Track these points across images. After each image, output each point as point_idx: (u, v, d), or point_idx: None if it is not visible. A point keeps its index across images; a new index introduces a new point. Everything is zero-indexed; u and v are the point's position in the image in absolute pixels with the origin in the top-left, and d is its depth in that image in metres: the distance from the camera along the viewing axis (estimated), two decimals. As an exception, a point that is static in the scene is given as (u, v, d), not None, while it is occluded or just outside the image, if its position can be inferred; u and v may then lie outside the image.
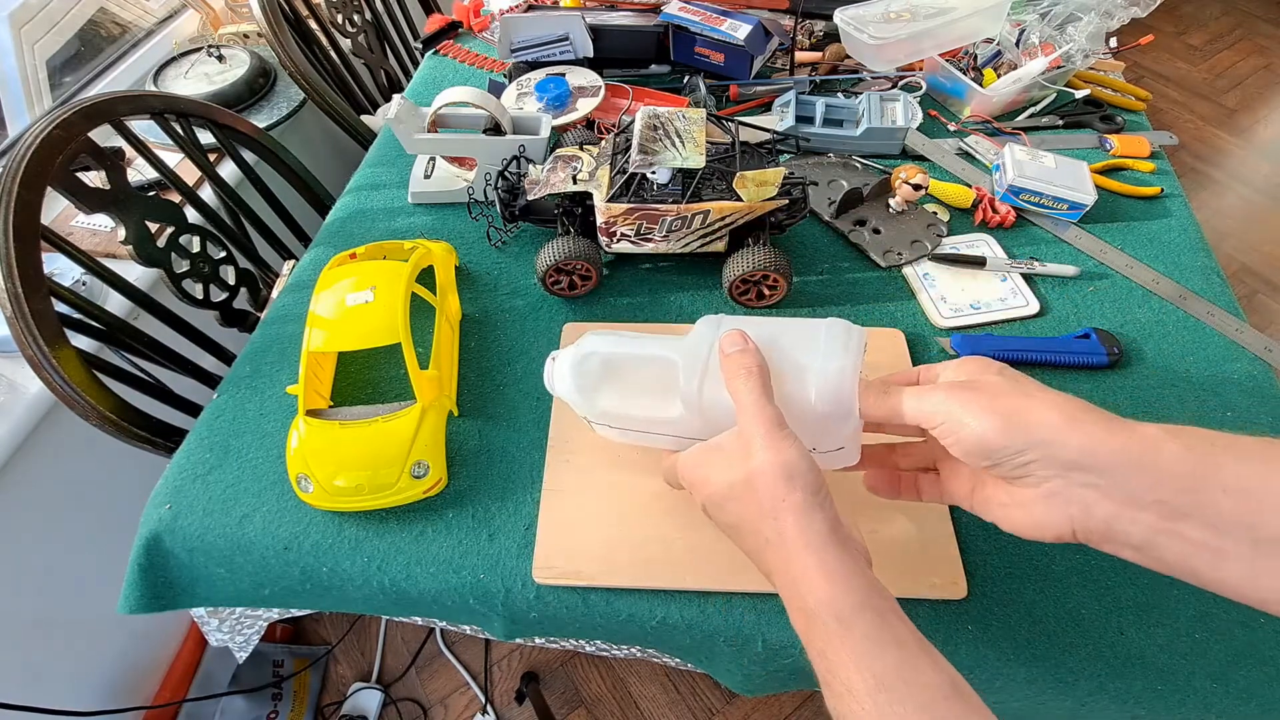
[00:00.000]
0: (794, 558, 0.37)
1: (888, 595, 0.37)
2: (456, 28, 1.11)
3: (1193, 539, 0.33)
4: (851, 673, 0.34)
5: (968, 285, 0.72)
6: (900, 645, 0.35)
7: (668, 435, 0.52)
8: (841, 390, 0.43)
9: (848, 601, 0.35)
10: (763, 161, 0.69)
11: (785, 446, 0.39)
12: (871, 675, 0.33)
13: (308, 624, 1.36)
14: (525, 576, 0.54)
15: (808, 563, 0.37)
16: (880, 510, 0.56)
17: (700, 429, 0.49)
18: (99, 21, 1.25)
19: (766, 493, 0.39)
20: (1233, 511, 0.32)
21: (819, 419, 0.44)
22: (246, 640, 0.74)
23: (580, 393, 0.52)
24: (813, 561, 0.37)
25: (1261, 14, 2.72)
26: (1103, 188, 0.80)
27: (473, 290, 0.74)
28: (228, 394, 0.66)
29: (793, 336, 0.47)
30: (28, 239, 0.68)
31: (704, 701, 1.24)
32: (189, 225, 0.88)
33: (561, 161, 0.70)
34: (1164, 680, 0.49)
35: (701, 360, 0.47)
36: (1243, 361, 0.66)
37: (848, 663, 0.34)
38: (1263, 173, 2.16)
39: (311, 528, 0.58)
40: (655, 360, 0.50)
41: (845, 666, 0.34)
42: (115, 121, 0.79)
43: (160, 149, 0.85)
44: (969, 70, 0.90)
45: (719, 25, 0.89)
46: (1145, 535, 0.34)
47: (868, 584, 0.37)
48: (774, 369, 0.45)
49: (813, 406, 0.44)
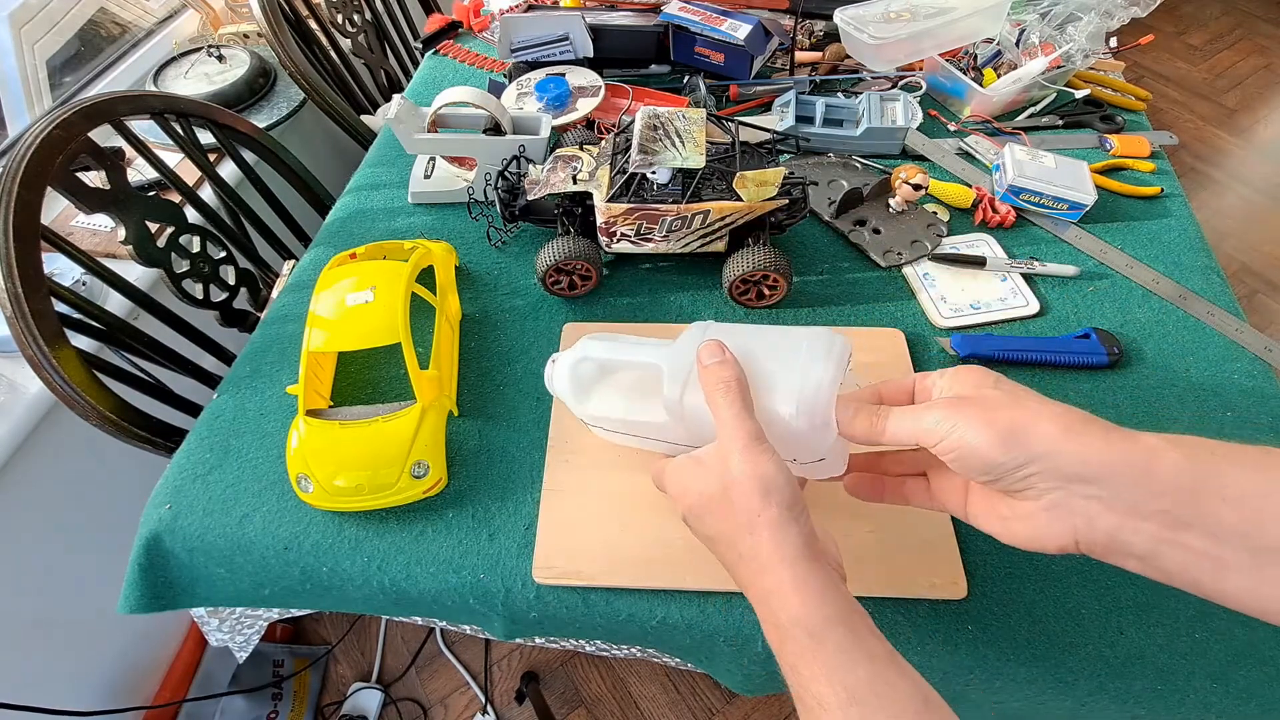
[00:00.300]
0: (768, 571, 0.37)
1: (860, 610, 0.37)
2: (456, 28, 1.11)
3: (1195, 548, 0.33)
4: (823, 687, 0.34)
5: (968, 285, 0.72)
6: (872, 659, 0.35)
7: (656, 440, 0.53)
8: (818, 403, 0.43)
9: (820, 615, 0.36)
10: (763, 161, 0.69)
11: (762, 460, 0.39)
12: (844, 689, 0.34)
13: (308, 624, 1.36)
14: (525, 576, 0.55)
15: (782, 577, 0.37)
16: (880, 511, 0.56)
17: (684, 435, 0.49)
18: (99, 21, 1.25)
19: (742, 506, 0.39)
20: (1233, 521, 0.32)
21: (797, 432, 0.44)
22: (246, 640, 0.74)
23: (575, 395, 0.53)
24: (786, 576, 0.37)
25: (1261, 14, 2.72)
26: (1103, 188, 0.80)
27: (473, 290, 0.74)
28: (228, 394, 0.66)
29: (775, 347, 0.46)
30: (28, 239, 0.68)
31: (704, 701, 1.24)
32: (189, 225, 0.88)
33: (561, 161, 0.70)
34: (1164, 680, 0.49)
35: (685, 368, 0.47)
36: (1243, 361, 0.66)
37: (819, 676, 0.35)
38: (1263, 173, 2.16)
39: (311, 528, 0.58)
40: (644, 366, 0.50)
41: (817, 681, 0.34)
42: (115, 121, 0.79)
43: (160, 149, 0.86)
44: (969, 70, 0.90)
45: (719, 25, 0.89)
46: (1148, 545, 0.34)
47: (840, 598, 0.37)
48: (753, 380, 0.44)
49: (791, 418, 0.43)
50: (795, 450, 0.46)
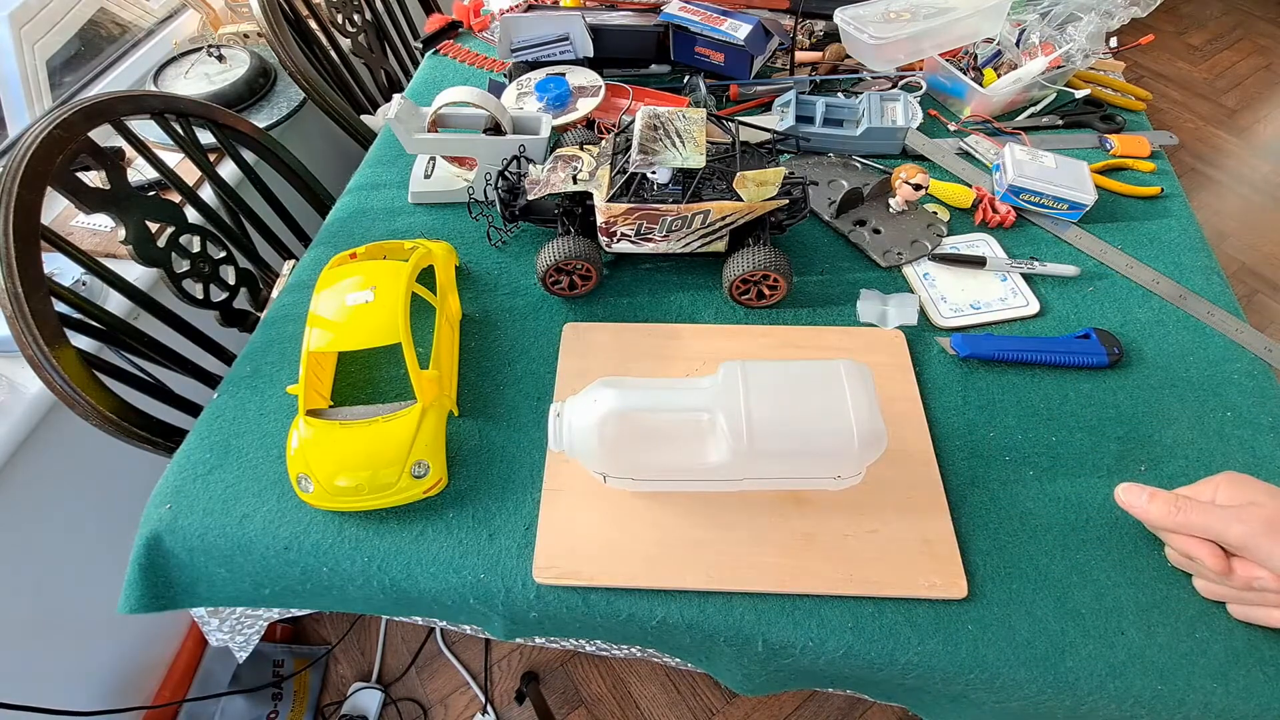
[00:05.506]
0: None
1: None
2: (456, 27, 1.11)
3: None
4: None
5: (968, 285, 0.72)
6: None
7: (704, 481, 0.55)
8: (874, 424, 0.50)
9: None
10: (763, 161, 0.69)
11: None
12: None
13: (308, 624, 1.36)
14: (525, 576, 0.54)
15: None
16: (880, 511, 0.56)
17: (745, 469, 0.53)
18: (99, 21, 1.25)
19: None
20: None
21: (853, 452, 0.50)
22: (246, 640, 0.74)
23: (606, 455, 0.53)
24: None
25: (1261, 14, 2.72)
26: (1103, 188, 0.81)
27: (473, 290, 0.74)
28: (228, 394, 0.66)
29: (807, 378, 0.53)
30: (28, 239, 0.68)
31: (704, 701, 1.24)
32: (189, 225, 0.88)
33: (561, 161, 0.70)
34: (1164, 680, 0.49)
35: (741, 409, 0.51)
36: (1243, 361, 0.66)
37: None
38: (1263, 173, 2.16)
39: (312, 528, 0.58)
40: (683, 411, 0.52)
41: None
42: (115, 121, 0.79)
43: (160, 149, 0.86)
44: (969, 70, 0.90)
45: (719, 25, 0.89)
46: None
47: None
48: (808, 412, 0.51)
49: (853, 439, 0.50)
50: (840, 468, 0.54)
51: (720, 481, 0.55)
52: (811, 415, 0.51)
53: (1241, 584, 0.48)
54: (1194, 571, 0.53)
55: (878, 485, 0.57)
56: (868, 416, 0.50)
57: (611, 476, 0.56)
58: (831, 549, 0.54)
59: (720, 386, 0.52)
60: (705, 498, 0.57)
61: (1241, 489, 0.49)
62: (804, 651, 0.52)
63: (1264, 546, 0.46)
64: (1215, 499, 0.50)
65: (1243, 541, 0.47)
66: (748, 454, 0.50)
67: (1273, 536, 0.46)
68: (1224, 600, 0.52)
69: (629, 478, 0.55)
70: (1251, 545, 0.47)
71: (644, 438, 0.52)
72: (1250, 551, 0.47)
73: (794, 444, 0.51)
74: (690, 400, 0.52)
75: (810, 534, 0.55)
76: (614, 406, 0.51)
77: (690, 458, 0.52)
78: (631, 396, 0.52)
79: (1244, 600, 0.50)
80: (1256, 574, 0.47)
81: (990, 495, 0.58)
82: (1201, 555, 0.49)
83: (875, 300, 0.70)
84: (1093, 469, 0.59)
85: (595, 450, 0.52)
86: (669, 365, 0.66)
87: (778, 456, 0.52)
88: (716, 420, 0.51)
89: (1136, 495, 0.52)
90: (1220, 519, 0.48)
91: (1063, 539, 0.55)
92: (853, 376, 0.52)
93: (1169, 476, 0.58)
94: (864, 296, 0.70)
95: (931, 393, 0.64)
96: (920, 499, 0.57)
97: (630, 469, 0.54)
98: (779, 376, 0.53)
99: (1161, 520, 0.51)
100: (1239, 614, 0.51)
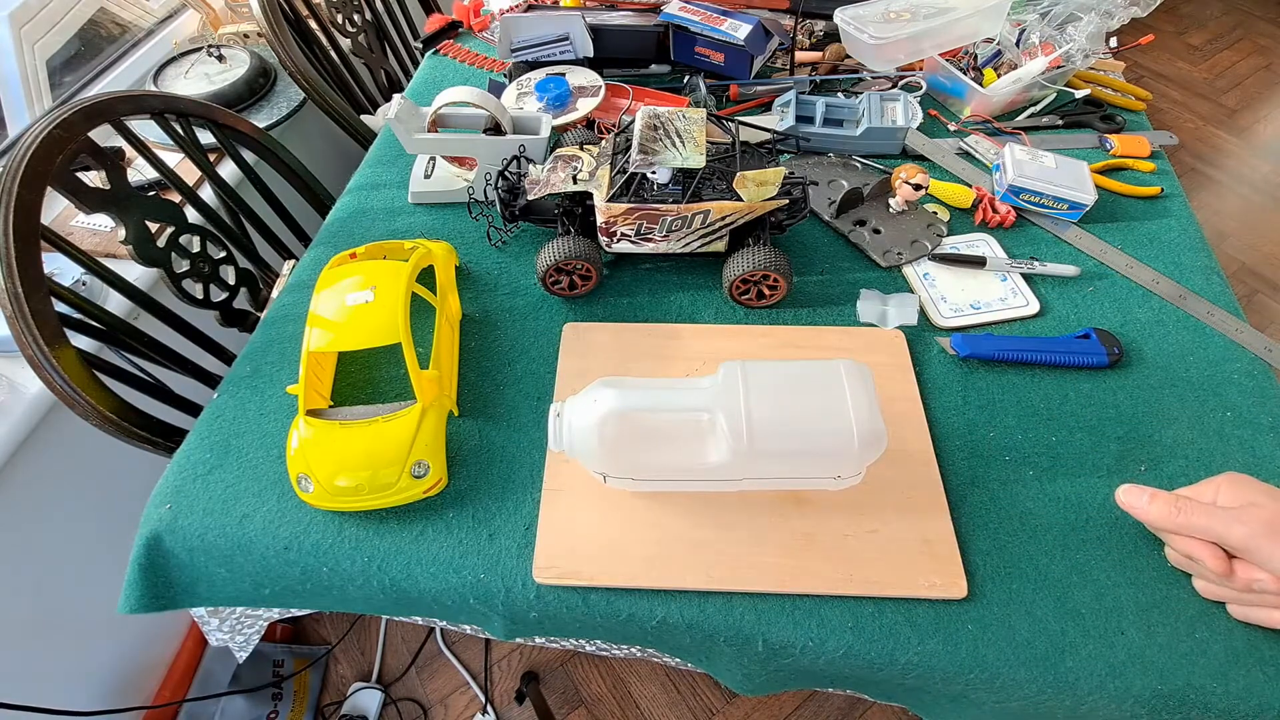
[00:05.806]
0: None
1: None
2: (456, 27, 1.11)
3: None
4: None
5: (968, 285, 0.72)
6: None
7: (704, 481, 0.55)
8: (874, 424, 0.50)
9: None
10: (763, 161, 0.69)
11: None
12: None
13: (308, 624, 1.36)
14: (525, 576, 0.54)
15: None
16: (880, 511, 0.56)
17: (745, 469, 0.53)
18: (99, 21, 1.25)
19: None
20: None
21: (853, 451, 0.51)
22: (246, 640, 0.74)
23: (606, 455, 0.53)
24: None
25: (1261, 14, 2.72)
26: (1103, 188, 0.81)
27: (473, 290, 0.74)
28: (228, 394, 0.66)
29: (807, 378, 0.53)
30: (28, 239, 0.68)
31: (704, 701, 1.24)
32: (189, 225, 0.88)
33: (561, 161, 0.70)
34: (1164, 680, 0.49)
35: (741, 410, 0.51)
36: (1243, 361, 0.66)
37: None
38: (1263, 173, 2.16)
39: (312, 528, 0.58)
40: (683, 411, 0.52)
41: None
42: (115, 121, 0.79)
43: (160, 149, 0.86)
44: (969, 70, 0.90)
45: (719, 25, 0.89)
46: None
47: None
48: (808, 412, 0.51)
49: (854, 438, 0.50)
50: (840, 468, 0.54)
51: (720, 481, 0.55)
52: (811, 415, 0.51)
53: (1242, 585, 0.48)
54: (1194, 572, 0.53)
55: (878, 485, 0.57)
56: (868, 416, 0.50)
57: (611, 476, 0.56)
58: (831, 549, 0.54)
59: (720, 386, 0.52)
60: (705, 498, 0.57)
61: (1242, 490, 0.49)
62: (804, 651, 0.52)
63: (1264, 548, 0.46)
64: (1216, 500, 0.50)
65: (1243, 543, 0.47)
66: (748, 454, 0.50)
67: (1273, 538, 0.46)
68: (1224, 601, 0.52)
69: (629, 478, 0.55)
70: (1252, 547, 0.47)
71: (644, 438, 0.52)
72: (1251, 553, 0.47)
73: (794, 444, 0.51)
74: (690, 400, 0.52)
75: (810, 534, 0.55)
76: (614, 406, 0.51)
77: (690, 458, 0.52)
78: (631, 396, 0.52)
79: (1244, 601, 0.50)
80: (1257, 575, 0.47)
81: (990, 495, 0.58)
82: (1202, 556, 0.49)
83: (875, 300, 0.70)
84: (1093, 469, 0.59)
85: (595, 450, 0.52)
86: (669, 365, 0.66)
87: (778, 456, 0.52)
88: (716, 420, 0.51)
89: (1137, 496, 0.52)
90: (1221, 520, 0.48)
91: (1063, 539, 0.55)
92: (853, 376, 0.52)
93: (1169, 476, 0.58)
94: (864, 296, 0.70)
95: (931, 393, 0.64)
96: (920, 499, 0.57)
97: (630, 469, 0.54)
98: (779, 376, 0.53)
99: (1162, 521, 0.51)
100: (1239, 614, 0.51)
